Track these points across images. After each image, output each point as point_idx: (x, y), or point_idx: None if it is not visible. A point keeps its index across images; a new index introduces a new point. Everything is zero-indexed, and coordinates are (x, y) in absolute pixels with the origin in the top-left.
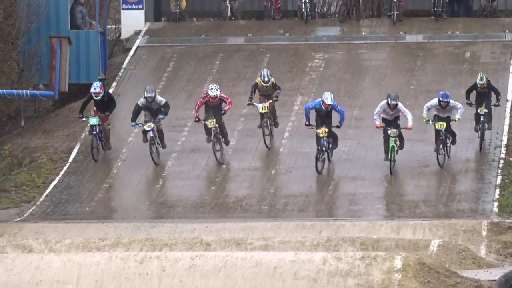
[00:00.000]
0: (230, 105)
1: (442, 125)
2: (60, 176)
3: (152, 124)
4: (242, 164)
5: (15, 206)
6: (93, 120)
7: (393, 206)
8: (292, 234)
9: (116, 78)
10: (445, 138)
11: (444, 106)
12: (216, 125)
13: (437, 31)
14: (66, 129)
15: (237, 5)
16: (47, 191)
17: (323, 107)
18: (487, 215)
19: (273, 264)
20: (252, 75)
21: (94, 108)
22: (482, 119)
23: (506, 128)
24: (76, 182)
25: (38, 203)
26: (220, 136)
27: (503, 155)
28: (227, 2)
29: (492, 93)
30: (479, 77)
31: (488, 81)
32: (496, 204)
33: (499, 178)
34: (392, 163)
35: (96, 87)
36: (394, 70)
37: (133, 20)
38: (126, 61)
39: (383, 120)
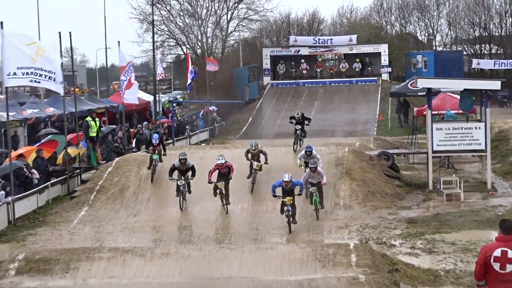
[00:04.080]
0: (233, 172)
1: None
2: (245, 127)
3: (183, 181)
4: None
5: (232, 135)
6: (155, 156)
7: (345, 133)
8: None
9: (261, 99)
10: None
11: (308, 154)
12: (223, 188)
13: (351, 80)
14: (247, 113)
15: (306, 73)
16: (242, 131)
17: (284, 185)
18: (373, 135)
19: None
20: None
21: (151, 147)
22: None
23: (378, 108)
24: (252, 128)
25: (238, 135)
26: (225, 195)
27: (377, 117)
28: (303, 70)
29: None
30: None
31: (302, 114)
32: (375, 132)
33: (376, 124)
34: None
35: (156, 139)
36: (344, 95)
37: (267, 79)
38: (264, 92)
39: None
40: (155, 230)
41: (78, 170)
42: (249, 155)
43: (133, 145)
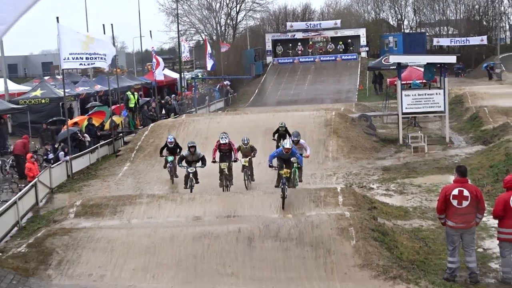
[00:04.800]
0: (236, 153)
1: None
2: (253, 97)
3: (193, 168)
4: None
5: (242, 104)
6: (170, 158)
7: (332, 100)
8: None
9: (265, 74)
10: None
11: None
12: (226, 169)
13: (336, 57)
14: (254, 86)
15: (300, 53)
16: (250, 100)
17: (284, 152)
18: (354, 101)
19: (304, 114)
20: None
21: (167, 151)
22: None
23: (358, 79)
24: (258, 98)
25: (247, 104)
26: (228, 175)
27: (357, 87)
28: (298, 51)
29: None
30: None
31: (286, 127)
32: (356, 99)
33: (357, 92)
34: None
35: (171, 138)
36: (331, 70)
37: (269, 58)
38: (267, 69)
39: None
40: (183, 180)
41: (121, 134)
42: (239, 153)
43: (163, 113)
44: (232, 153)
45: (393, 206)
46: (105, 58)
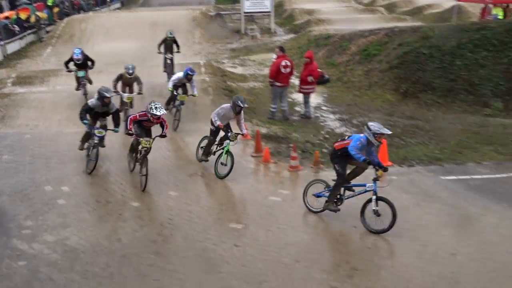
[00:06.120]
0: (166, 128)
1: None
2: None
3: (103, 131)
4: None
5: (134, 5)
6: (80, 73)
7: (196, 4)
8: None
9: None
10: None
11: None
12: (148, 146)
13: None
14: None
15: None
16: (141, 1)
17: (376, 142)
18: (212, 4)
19: (178, 12)
20: None
21: (76, 67)
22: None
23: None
24: (147, 1)
25: (139, 4)
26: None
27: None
28: None
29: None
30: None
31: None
32: (214, 2)
33: None
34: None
35: (77, 54)
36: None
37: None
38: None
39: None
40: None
41: (44, 26)
42: (120, 84)
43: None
44: (164, 127)
45: (237, 74)
46: None
